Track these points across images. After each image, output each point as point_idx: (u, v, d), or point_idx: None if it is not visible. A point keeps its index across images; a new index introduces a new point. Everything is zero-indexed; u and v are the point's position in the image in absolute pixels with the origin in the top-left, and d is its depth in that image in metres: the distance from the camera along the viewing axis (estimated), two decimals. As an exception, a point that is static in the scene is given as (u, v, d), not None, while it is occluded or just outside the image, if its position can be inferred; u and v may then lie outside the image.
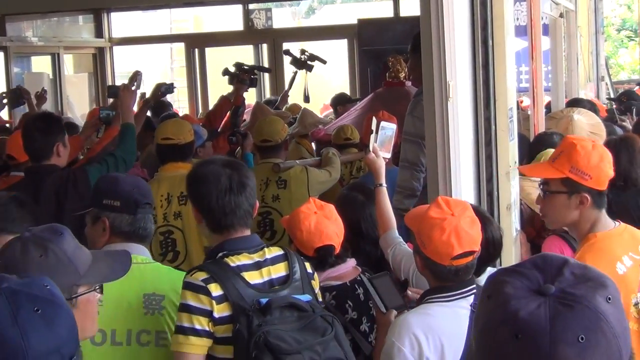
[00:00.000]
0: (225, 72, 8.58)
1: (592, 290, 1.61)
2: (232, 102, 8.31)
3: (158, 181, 5.68)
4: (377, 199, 4.20)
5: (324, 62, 10.02)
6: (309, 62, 9.85)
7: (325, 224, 3.91)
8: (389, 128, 4.43)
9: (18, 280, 1.88)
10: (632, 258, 3.54)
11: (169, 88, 7.46)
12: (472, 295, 3.25)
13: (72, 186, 5.23)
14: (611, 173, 3.61)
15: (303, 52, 9.93)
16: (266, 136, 6.27)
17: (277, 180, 6.06)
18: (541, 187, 3.75)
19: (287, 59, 10.46)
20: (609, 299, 1.62)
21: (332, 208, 4.03)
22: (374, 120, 4.34)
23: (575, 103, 7.95)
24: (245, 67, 8.50)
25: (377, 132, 4.32)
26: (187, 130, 5.78)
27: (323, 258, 3.91)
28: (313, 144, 8.50)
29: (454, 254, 3.19)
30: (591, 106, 7.84)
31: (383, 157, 4.31)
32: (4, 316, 1.79)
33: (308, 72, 9.91)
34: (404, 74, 8.26)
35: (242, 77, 8.33)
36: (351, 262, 4.05)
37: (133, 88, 6.07)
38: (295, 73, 10.12)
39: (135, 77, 6.39)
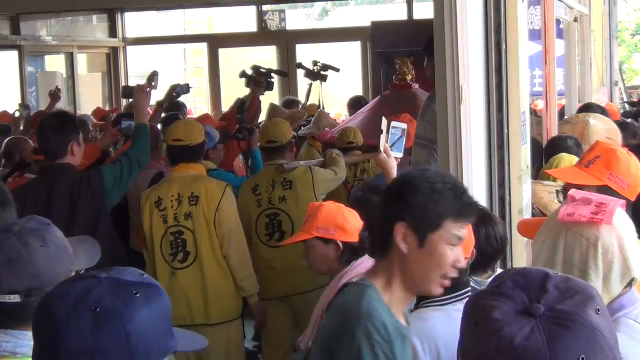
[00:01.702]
0: (243, 74, 8.59)
1: (582, 305, 1.58)
2: (248, 105, 8.32)
3: (169, 181, 5.69)
4: None
5: (337, 70, 10.03)
6: (322, 73, 9.85)
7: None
8: (399, 128, 4.43)
9: (122, 278, 1.89)
10: None
11: (184, 89, 7.46)
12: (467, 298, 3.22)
13: (86, 185, 5.26)
14: None
15: (315, 63, 9.92)
16: (271, 137, 6.28)
17: (282, 181, 6.10)
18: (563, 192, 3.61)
19: (301, 70, 10.46)
20: (598, 310, 1.58)
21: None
22: (384, 120, 4.34)
23: (586, 108, 7.92)
24: (263, 70, 8.52)
25: (387, 132, 4.32)
26: (198, 131, 5.78)
27: (363, 242, 3.99)
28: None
29: None
30: (601, 112, 7.82)
31: (395, 157, 4.31)
32: (67, 302, 1.82)
33: (323, 83, 9.91)
34: (410, 77, 8.27)
35: (258, 79, 8.34)
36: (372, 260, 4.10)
37: (148, 89, 6.06)
38: (311, 85, 10.13)
39: (153, 77, 6.39)
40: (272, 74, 8.75)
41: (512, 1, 4.51)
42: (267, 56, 14.00)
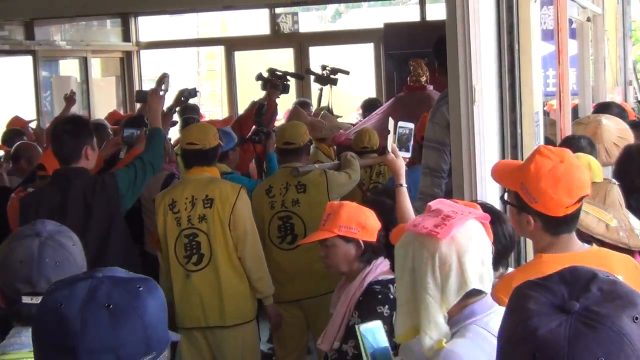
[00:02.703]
0: (259, 77, 8.60)
1: (618, 310, 1.56)
2: (271, 108, 8.33)
3: (183, 183, 5.72)
4: (398, 199, 4.22)
5: (346, 73, 10.02)
6: (332, 77, 9.85)
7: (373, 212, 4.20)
8: (406, 127, 4.44)
9: (117, 275, 1.94)
10: None
11: (192, 93, 7.48)
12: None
13: (101, 190, 5.29)
14: (570, 201, 3.07)
15: (324, 67, 9.91)
16: (288, 139, 6.30)
17: (296, 184, 6.11)
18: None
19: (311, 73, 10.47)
20: (636, 318, 1.56)
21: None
22: (391, 121, 4.35)
23: (604, 107, 7.90)
24: (279, 73, 8.52)
25: (395, 132, 4.33)
26: (212, 135, 5.80)
27: (381, 242, 4.07)
28: (333, 149, 8.50)
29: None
30: (620, 110, 7.80)
31: (402, 157, 4.33)
32: (76, 302, 1.85)
33: (333, 87, 9.92)
34: (425, 78, 8.21)
35: (275, 82, 8.34)
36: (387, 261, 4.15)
37: (161, 93, 6.08)
38: (322, 90, 10.13)
39: (163, 79, 6.40)
40: (288, 77, 8.75)
41: (524, 1, 4.51)
42: (282, 59, 14.01)
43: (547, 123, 6.26)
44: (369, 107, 10.31)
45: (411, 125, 4.52)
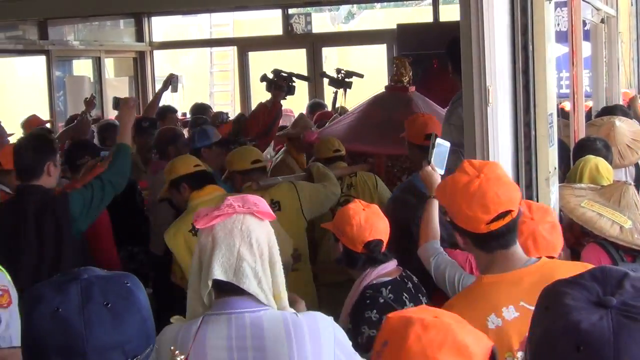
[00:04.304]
0: (263, 78, 8.57)
1: None
2: (270, 109, 8.30)
3: (194, 208, 5.17)
4: (428, 209, 4.16)
5: (361, 76, 10.00)
6: (346, 80, 9.83)
7: (375, 219, 3.99)
8: (443, 145, 4.39)
9: (100, 274, 1.97)
10: (520, 308, 2.86)
11: (175, 82, 7.49)
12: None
13: (51, 211, 5.09)
14: (488, 217, 2.92)
15: (339, 71, 9.87)
16: (257, 157, 6.01)
17: (270, 202, 5.45)
18: None
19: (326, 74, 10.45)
20: None
21: (377, 208, 4.11)
22: (433, 135, 4.33)
23: (608, 111, 7.87)
24: (284, 74, 8.48)
25: (433, 148, 4.28)
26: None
27: (372, 253, 3.97)
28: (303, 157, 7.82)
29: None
30: (623, 113, 7.78)
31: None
32: (73, 305, 1.87)
33: (348, 90, 9.89)
34: (407, 79, 7.48)
35: (279, 83, 8.31)
36: (394, 262, 4.08)
37: (170, 90, 6.03)
38: (336, 93, 10.12)
39: (170, 80, 6.39)
40: (294, 78, 8.70)
41: (538, 2, 4.50)
42: (294, 59, 14.01)
43: (560, 125, 6.24)
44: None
45: (448, 144, 4.45)
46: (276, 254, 2.81)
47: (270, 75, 8.46)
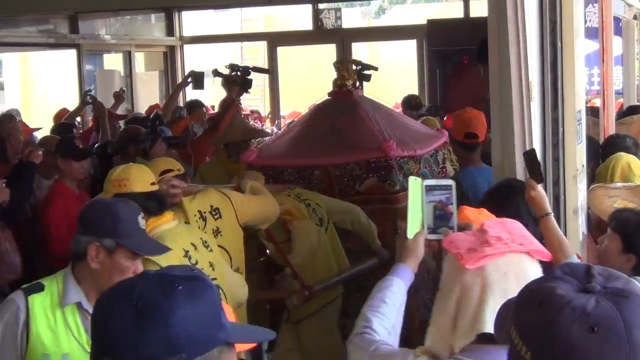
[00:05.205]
0: (216, 73, 8.35)
1: (628, 284, 1.70)
2: (225, 105, 8.12)
3: (171, 236, 4.17)
4: (549, 227, 3.82)
5: (375, 69, 9.83)
6: (364, 73, 9.68)
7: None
8: (533, 155, 4.24)
9: (168, 272, 1.95)
10: None
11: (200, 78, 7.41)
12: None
13: None
14: None
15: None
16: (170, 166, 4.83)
17: (210, 210, 4.71)
18: None
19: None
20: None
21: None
22: (533, 151, 4.17)
23: (633, 110, 7.81)
24: (240, 68, 8.22)
25: (532, 163, 4.10)
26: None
27: None
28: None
29: None
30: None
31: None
32: (113, 297, 1.91)
33: (367, 83, 9.80)
34: (352, 82, 6.81)
35: (232, 78, 8.08)
36: None
37: (192, 87, 6.01)
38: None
39: (189, 77, 6.33)
40: (251, 72, 8.27)
41: (568, -1, 4.47)
42: (324, 54, 14.00)
43: (589, 122, 6.19)
44: (408, 104, 10.20)
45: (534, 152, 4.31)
46: None
47: (226, 71, 8.22)
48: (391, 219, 5.79)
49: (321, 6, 13.84)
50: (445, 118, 9.25)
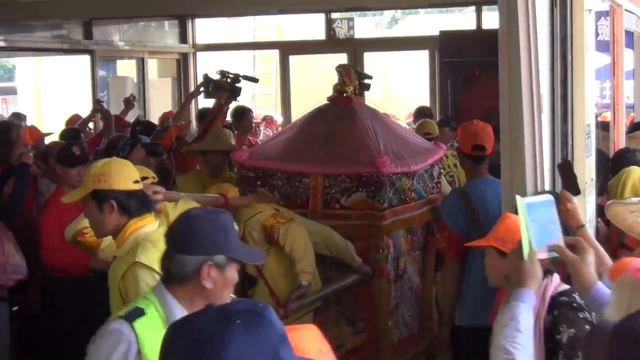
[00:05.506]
0: (206, 78, 8.32)
1: None
2: (213, 112, 8.05)
3: (153, 241, 3.95)
4: (586, 238, 3.71)
5: (370, 77, 9.72)
6: (361, 82, 9.59)
7: None
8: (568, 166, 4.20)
9: (229, 307, 1.95)
10: None
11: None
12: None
13: None
14: None
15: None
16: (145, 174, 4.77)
17: None
18: None
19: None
20: None
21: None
22: (569, 163, 4.11)
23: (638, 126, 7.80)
24: (231, 75, 8.14)
25: (568, 176, 4.05)
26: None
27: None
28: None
29: None
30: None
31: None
32: (178, 329, 1.93)
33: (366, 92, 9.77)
34: (352, 88, 6.70)
35: (220, 84, 8.01)
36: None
37: (203, 97, 6.00)
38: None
39: (202, 84, 6.30)
40: (241, 80, 8.25)
41: (578, 12, 4.47)
42: (336, 64, 13.97)
43: (599, 136, 6.19)
44: (419, 115, 10.21)
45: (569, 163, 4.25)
46: None
47: (217, 77, 8.14)
48: (375, 236, 5.78)
49: (334, 15, 13.86)
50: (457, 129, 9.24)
